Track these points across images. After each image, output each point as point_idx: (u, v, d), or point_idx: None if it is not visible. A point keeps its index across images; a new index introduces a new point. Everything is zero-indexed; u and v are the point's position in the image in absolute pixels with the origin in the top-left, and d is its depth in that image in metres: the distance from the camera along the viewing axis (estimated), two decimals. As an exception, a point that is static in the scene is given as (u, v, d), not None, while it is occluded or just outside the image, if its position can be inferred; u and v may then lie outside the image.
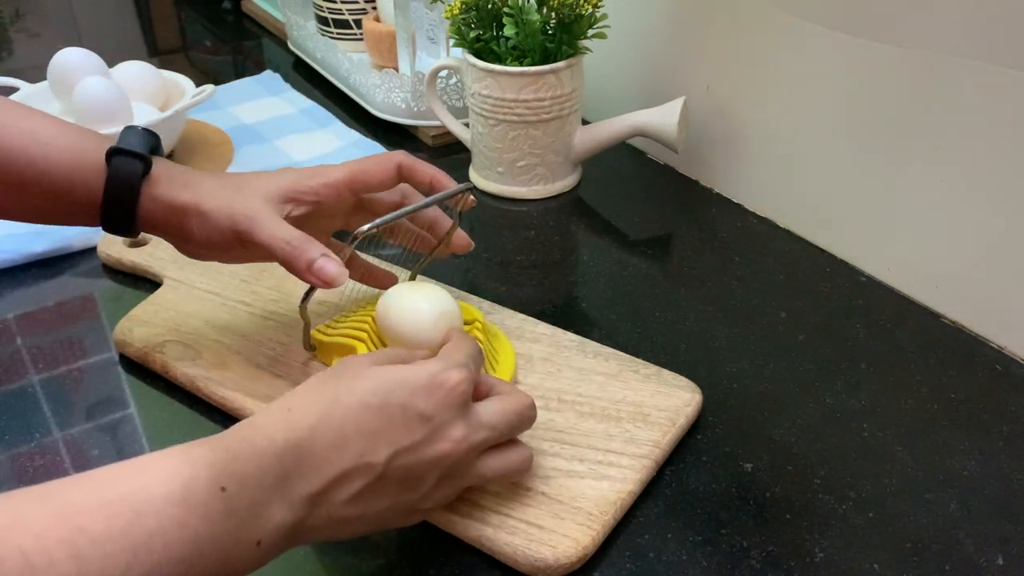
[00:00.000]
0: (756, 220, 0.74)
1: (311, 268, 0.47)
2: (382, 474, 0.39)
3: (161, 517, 0.32)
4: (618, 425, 0.50)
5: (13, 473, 0.51)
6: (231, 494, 0.34)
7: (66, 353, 0.60)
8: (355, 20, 0.98)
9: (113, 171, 0.49)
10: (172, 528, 0.32)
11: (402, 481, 0.40)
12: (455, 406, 0.40)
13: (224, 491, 0.34)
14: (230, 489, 0.34)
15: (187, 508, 0.33)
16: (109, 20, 1.32)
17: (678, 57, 0.78)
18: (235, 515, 0.34)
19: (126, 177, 0.49)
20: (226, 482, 0.34)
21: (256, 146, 0.86)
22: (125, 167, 0.49)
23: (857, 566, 0.44)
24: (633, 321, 0.62)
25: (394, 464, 0.39)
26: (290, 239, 0.48)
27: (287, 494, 0.36)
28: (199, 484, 0.33)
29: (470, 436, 0.41)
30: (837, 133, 0.65)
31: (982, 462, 0.50)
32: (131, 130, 0.50)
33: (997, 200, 0.56)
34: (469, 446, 0.41)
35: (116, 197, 0.49)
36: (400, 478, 0.39)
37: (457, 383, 0.41)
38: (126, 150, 0.49)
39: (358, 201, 0.54)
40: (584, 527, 0.44)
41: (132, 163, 0.49)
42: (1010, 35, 0.52)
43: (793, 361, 0.58)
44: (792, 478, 0.49)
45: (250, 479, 0.35)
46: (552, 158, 0.76)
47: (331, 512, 0.38)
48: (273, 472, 0.36)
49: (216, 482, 0.34)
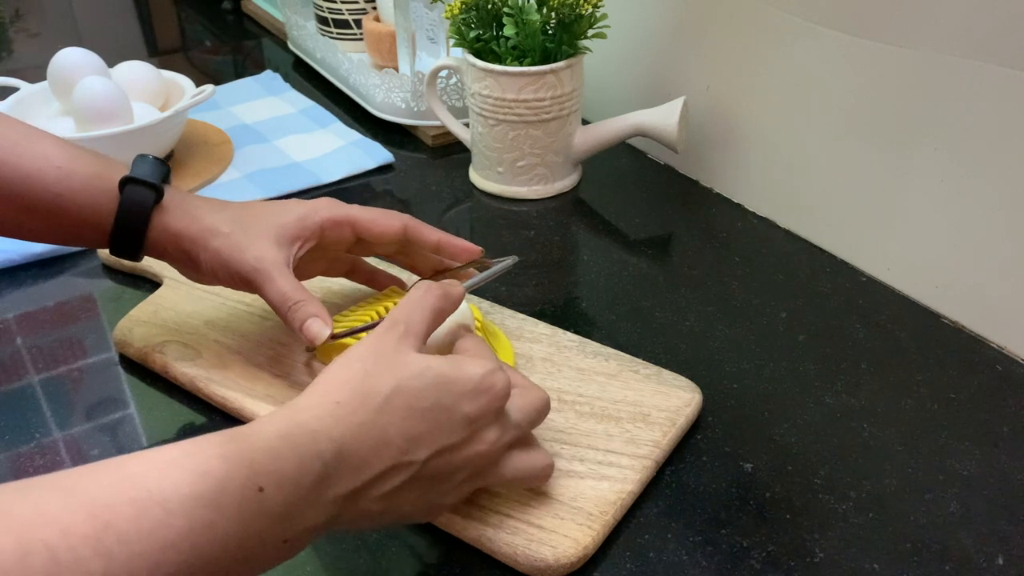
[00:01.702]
0: (756, 220, 0.74)
1: (301, 327, 0.49)
2: (417, 472, 0.39)
3: (192, 519, 0.31)
4: (618, 425, 0.50)
5: (13, 473, 0.51)
6: (267, 495, 0.33)
7: (66, 353, 0.60)
8: (355, 20, 0.98)
9: (125, 199, 0.50)
10: (201, 530, 0.31)
11: (434, 478, 0.40)
12: (497, 410, 0.41)
13: (261, 491, 0.33)
14: (267, 490, 0.33)
15: (218, 509, 0.32)
16: (109, 20, 1.32)
17: (678, 57, 0.78)
18: (268, 516, 0.33)
19: (137, 206, 0.50)
20: (264, 482, 0.33)
21: (256, 146, 0.86)
22: (137, 196, 0.50)
23: (857, 566, 0.44)
24: (633, 321, 0.62)
25: (431, 463, 0.39)
26: (293, 302, 0.49)
27: (323, 495, 0.36)
28: (234, 484, 0.32)
29: (503, 437, 0.42)
30: (837, 133, 0.65)
31: (982, 462, 0.50)
32: (143, 159, 0.51)
33: (997, 200, 0.56)
34: (502, 446, 0.42)
35: (126, 224, 0.50)
36: (432, 475, 0.40)
37: (503, 388, 0.41)
38: (139, 179, 0.50)
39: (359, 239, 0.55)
40: (584, 527, 0.44)
41: (144, 192, 0.50)
42: (1010, 35, 0.52)
43: (793, 361, 0.58)
44: (792, 478, 0.49)
45: (288, 480, 0.34)
46: (552, 158, 0.76)
47: (360, 507, 0.38)
48: (314, 473, 0.35)
49: (253, 482, 0.33)
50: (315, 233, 0.52)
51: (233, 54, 1.16)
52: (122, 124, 0.76)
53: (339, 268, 0.58)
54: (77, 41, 0.88)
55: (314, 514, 0.35)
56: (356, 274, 0.59)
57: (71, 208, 0.50)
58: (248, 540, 0.33)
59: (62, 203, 0.50)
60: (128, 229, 0.50)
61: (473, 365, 0.41)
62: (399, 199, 0.79)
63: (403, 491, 0.39)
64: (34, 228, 0.52)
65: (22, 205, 0.49)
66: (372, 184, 0.81)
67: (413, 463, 0.38)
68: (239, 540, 0.32)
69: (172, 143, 0.81)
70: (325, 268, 0.57)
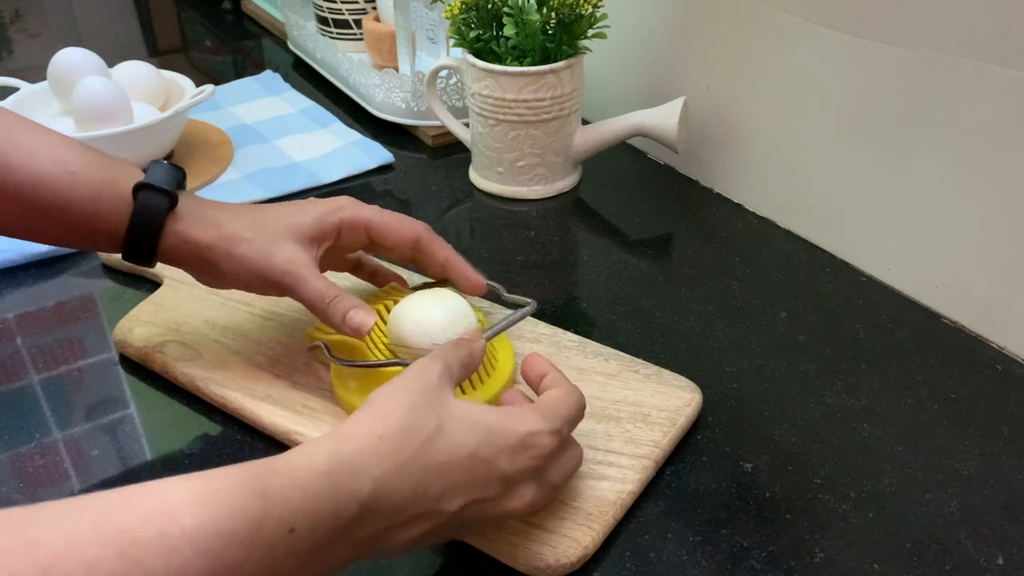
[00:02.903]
0: (756, 220, 0.74)
1: (344, 319, 0.50)
2: (447, 521, 0.38)
3: (224, 558, 0.30)
4: (618, 425, 0.50)
5: (13, 473, 0.51)
6: (299, 537, 0.33)
7: (66, 353, 0.60)
8: (355, 20, 0.98)
9: (139, 206, 0.50)
10: (231, 569, 0.31)
11: (463, 526, 0.40)
12: (536, 469, 0.40)
13: (293, 532, 0.32)
14: (299, 531, 0.33)
15: (250, 549, 0.31)
16: (109, 20, 1.32)
17: (678, 57, 0.78)
18: (296, 556, 0.33)
19: (151, 213, 0.50)
20: (298, 524, 0.33)
21: (256, 146, 0.86)
22: (151, 202, 0.50)
23: (857, 566, 0.44)
24: (633, 321, 0.62)
25: (463, 514, 0.39)
26: (331, 297, 0.50)
27: (353, 535, 0.35)
28: (268, 523, 0.32)
29: (540, 499, 0.41)
30: (837, 133, 0.65)
31: (982, 462, 0.50)
32: (158, 165, 0.51)
33: (997, 200, 0.56)
34: (536, 504, 0.41)
35: (140, 231, 0.50)
36: (461, 524, 0.39)
37: (547, 451, 0.40)
38: (153, 185, 0.49)
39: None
40: (584, 527, 0.44)
41: (158, 199, 0.50)
42: (1010, 35, 0.52)
43: (793, 361, 0.58)
44: (792, 478, 0.49)
45: (323, 523, 0.34)
46: (552, 158, 0.76)
47: (381, 547, 0.37)
48: (349, 515, 0.35)
49: (287, 523, 0.32)
50: (332, 234, 0.53)
51: (233, 54, 1.16)
52: (122, 124, 0.76)
53: (346, 264, 0.58)
54: (77, 41, 0.88)
55: (340, 553, 0.35)
56: (360, 270, 0.59)
57: (84, 213, 0.49)
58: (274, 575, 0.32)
59: (75, 208, 0.49)
60: (141, 236, 0.50)
61: (525, 418, 0.40)
62: (399, 199, 0.79)
63: (429, 536, 0.38)
64: (46, 232, 0.51)
65: (35, 209, 0.49)
66: (372, 184, 0.81)
67: (444, 512, 0.38)
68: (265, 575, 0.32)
69: (172, 143, 0.81)
70: (334, 265, 0.57)
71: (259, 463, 0.34)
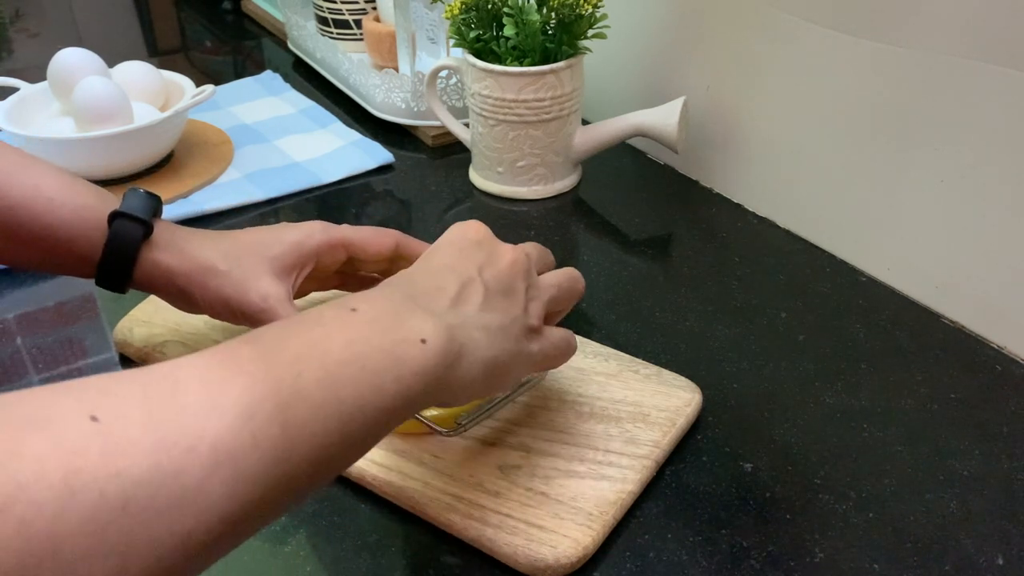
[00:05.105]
0: (756, 220, 0.74)
1: None
2: (485, 287, 0.42)
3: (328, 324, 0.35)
4: (618, 425, 0.50)
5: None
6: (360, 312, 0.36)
7: (66, 353, 0.60)
8: (355, 20, 0.98)
9: (113, 234, 0.50)
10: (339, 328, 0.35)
11: (503, 292, 0.42)
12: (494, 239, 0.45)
13: (354, 311, 0.36)
14: (360, 309, 0.36)
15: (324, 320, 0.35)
16: (109, 20, 1.32)
17: (678, 57, 0.78)
18: (377, 322, 0.36)
19: (126, 241, 0.50)
20: (356, 304, 0.37)
21: (256, 146, 0.86)
22: (126, 231, 0.50)
23: (857, 566, 0.44)
24: (633, 321, 0.62)
25: (485, 276, 0.42)
26: None
27: (419, 306, 0.38)
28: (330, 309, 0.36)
29: (520, 249, 0.45)
30: (837, 133, 0.65)
31: (982, 462, 0.50)
32: (134, 193, 0.51)
33: (997, 200, 0.56)
34: (524, 254, 0.45)
35: (114, 259, 0.50)
36: (498, 290, 0.42)
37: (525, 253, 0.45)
38: (127, 214, 0.50)
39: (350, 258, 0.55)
40: (584, 527, 0.44)
41: (133, 227, 0.50)
42: (1010, 35, 0.52)
43: (793, 361, 0.58)
44: (792, 478, 0.49)
45: (377, 299, 0.38)
46: (552, 158, 0.76)
47: (469, 322, 0.40)
48: (399, 295, 0.39)
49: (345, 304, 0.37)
50: (311, 259, 0.52)
51: (233, 54, 1.16)
52: (122, 124, 0.76)
53: (330, 283, 0.58)
54: (77, 41, 0.88)
55: (426, 319, 0.37)
56: (348, 284, 0.58)
57: (60, 240, 0.50)
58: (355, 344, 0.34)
59: (50, 234, 0.49)
60: (115, 264, 0.50)
61: None
62: (399, 199, 0.79)
63: (491, 306, 0.41)
64: (22, 257, 0.51)
65: (9, 234, 0.49)
66: (372, 184, 0.81)
67: (474, 278, 0.42)
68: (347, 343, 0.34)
69: (172, 143, 0.81)
70: (318, 286, 0.57)
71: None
